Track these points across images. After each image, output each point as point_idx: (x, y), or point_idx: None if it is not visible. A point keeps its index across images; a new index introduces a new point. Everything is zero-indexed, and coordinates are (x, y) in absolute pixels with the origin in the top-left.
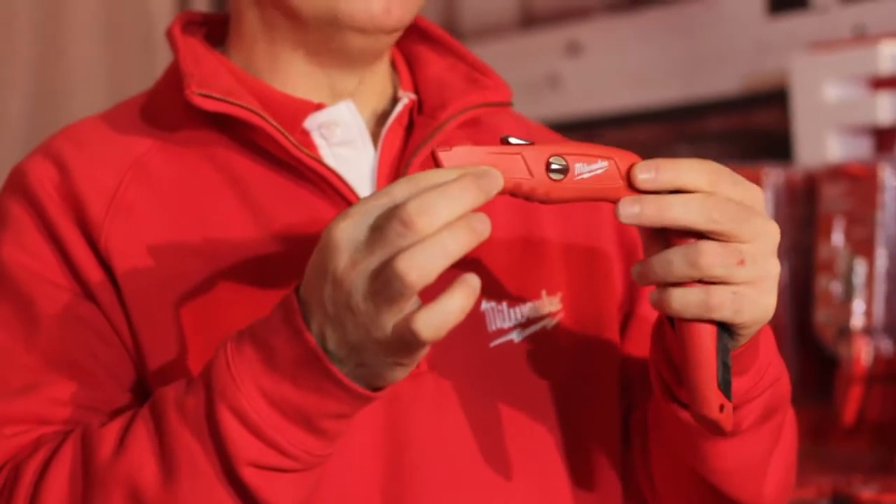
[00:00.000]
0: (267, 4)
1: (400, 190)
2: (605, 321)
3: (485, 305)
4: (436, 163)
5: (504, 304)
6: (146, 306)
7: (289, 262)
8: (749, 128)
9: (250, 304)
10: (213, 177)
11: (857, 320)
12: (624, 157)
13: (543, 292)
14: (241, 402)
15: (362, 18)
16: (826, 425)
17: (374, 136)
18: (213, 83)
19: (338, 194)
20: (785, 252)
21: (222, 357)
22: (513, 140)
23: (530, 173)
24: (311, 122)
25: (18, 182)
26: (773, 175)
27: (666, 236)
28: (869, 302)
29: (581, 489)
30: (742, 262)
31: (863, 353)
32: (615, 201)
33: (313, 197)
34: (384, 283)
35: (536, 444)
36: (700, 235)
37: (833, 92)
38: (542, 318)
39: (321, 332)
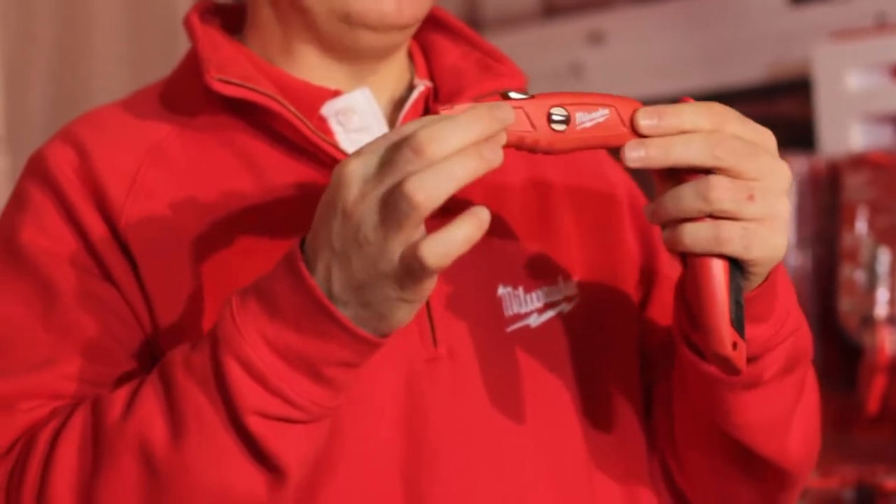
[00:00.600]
0: (281, 1)
1: (408, 127)
2: (622, 303)
3: (501, 290)
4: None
5: (520, 289)
6: (164, 288)
7: None
8: (772, 117)
9: None
10: (230, 161)
11: (881, 309)
12: (625, 104)
13: (559, 277)
14: (245, 351)
15: (374, 17)
16: (850, 414)
17: (391, 123)
18: (231, 69)
19: None
20: (808, 241)
21: (227, 311)
22: (513, 95)
23: (533, 126)
24: (329, 109)
25: (38, 166)
26: (797, 164)
27: (677, 176)
28: (893, 290)
29: (602, 471)
30: (752, 198)
31: (887, 341)
32: (619, 147)
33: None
34: (393, 207)
35: (554, 426)
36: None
37: (856, 81)
38: (558, 302)
39: (327, 273)
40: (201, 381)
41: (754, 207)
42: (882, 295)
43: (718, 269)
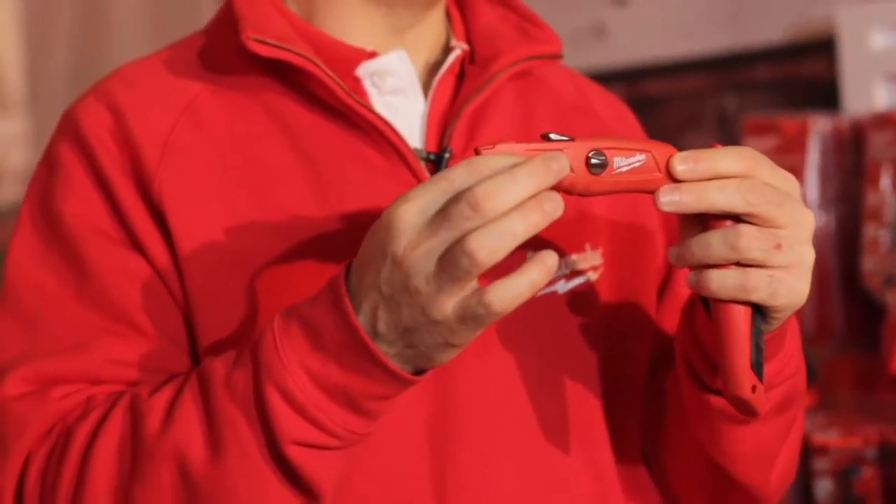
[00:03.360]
0: None
1: (459, 174)
2: (644, 281)
3: (530, 256)
4: None
5: None
6: (196, 252)
7: (339, 208)
8: (796, 77)
9: (300, 251)
10: (264, 122)
11: None
12: (661, 150)
13: (587, 245)
14: (287, 382)
15: None
16: (872, 374)
17: (426, 86)
18: (266, 28)
19: (387, 143)
20: (832, 200)
21: (269, 335)
22: (553, 136)
23: (571, 169)
24: (363, 70)
25: (71, 127)
26: (821, 124)
27: (703, 220)
28: None
29: (618, 434)
30: (779, 247)
31: None
32: (653, 192)
33: (363, 145)
34: (451, 263)
35: (575, 391)
36: (737, 220)
37: (880, 40)
38: (585, 271)
39: (373, 314)
40: (242, 405)
41: (781, 256)
42: None
43: (742, 315)
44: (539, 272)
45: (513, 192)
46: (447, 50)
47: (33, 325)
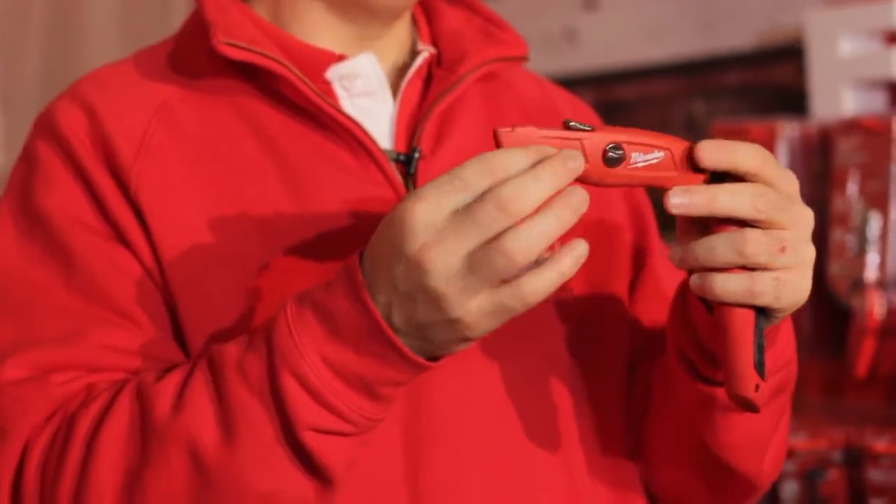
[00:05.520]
0: None
1: (472, 173)
2: (616, 275)
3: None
4: (497, 142)
5: None
6: (174, 248)
7: (311, 207)
8: (765, 82)
9: (275, 247)
10: (236, 123)
11: (871, 273)
12: (678, 146)
13: (557, 244)
14: (303, 369)
15: None
16: (839, 378)
17: (394, 88)
18: (237, 32)
19: (358, 144)
20: None
21: (283, 321)
22: (573, 124)
23: (586, 159)
24: (333, 73)
25: (48, 126)
26: (789, 129)
27: (705, 222)
28: (883, 255)
29: (592, 436)
30: (783, 250)
31: (876, 305)
32: (664, 188)
33: (334, 146)
34: (485, 263)
35: (550, 392)
36: (741, 223)
37: (848, 46)
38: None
39: (388, 307)
40: (257, 391)
41: (786, 258)
42: (872, 259)
43: (747, 318)
44: (570, 263)
45: (537, 192)
46: (414, 53)
47: (24, 316)
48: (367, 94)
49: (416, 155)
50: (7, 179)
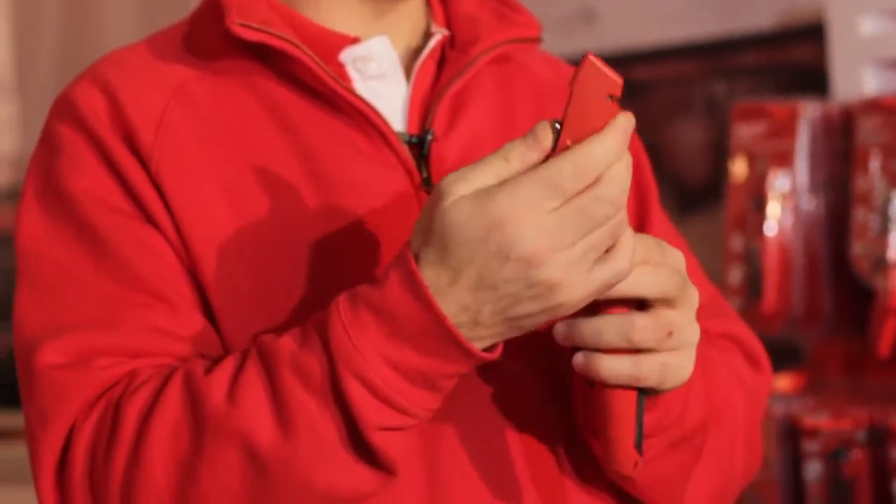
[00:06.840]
0: None
1: (567, 176)
2: None
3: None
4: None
5: None
6: (196, 228)
7: (327, 188)
8: (785, 62)
9: (293, 224)
10: (252, 104)
11: (894, 252)
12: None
13: None
14: (367, 372)
15: None
16: (861, 357)
17: (407, 71)
18: (251, 14)
19: (371, 126)
20: (821, 185)
21: (338, 322)
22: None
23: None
24: (347, 56)
25: (67, 109)
26: (810, 109)
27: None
28: None
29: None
30: (670, 334)
31: None
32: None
33: (347, 128)
34: (611, 256)
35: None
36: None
37: (869, 25)
38: None
39: (473, 309)
40: (318, 393)
41: (672, 341)
42: (894, 238)
43: (629, 399)
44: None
45: (628, 177)
46: (427, 35)
47: (58, 298)
48: (381, 76)
49: (429, 137)
50: (26, 164)
